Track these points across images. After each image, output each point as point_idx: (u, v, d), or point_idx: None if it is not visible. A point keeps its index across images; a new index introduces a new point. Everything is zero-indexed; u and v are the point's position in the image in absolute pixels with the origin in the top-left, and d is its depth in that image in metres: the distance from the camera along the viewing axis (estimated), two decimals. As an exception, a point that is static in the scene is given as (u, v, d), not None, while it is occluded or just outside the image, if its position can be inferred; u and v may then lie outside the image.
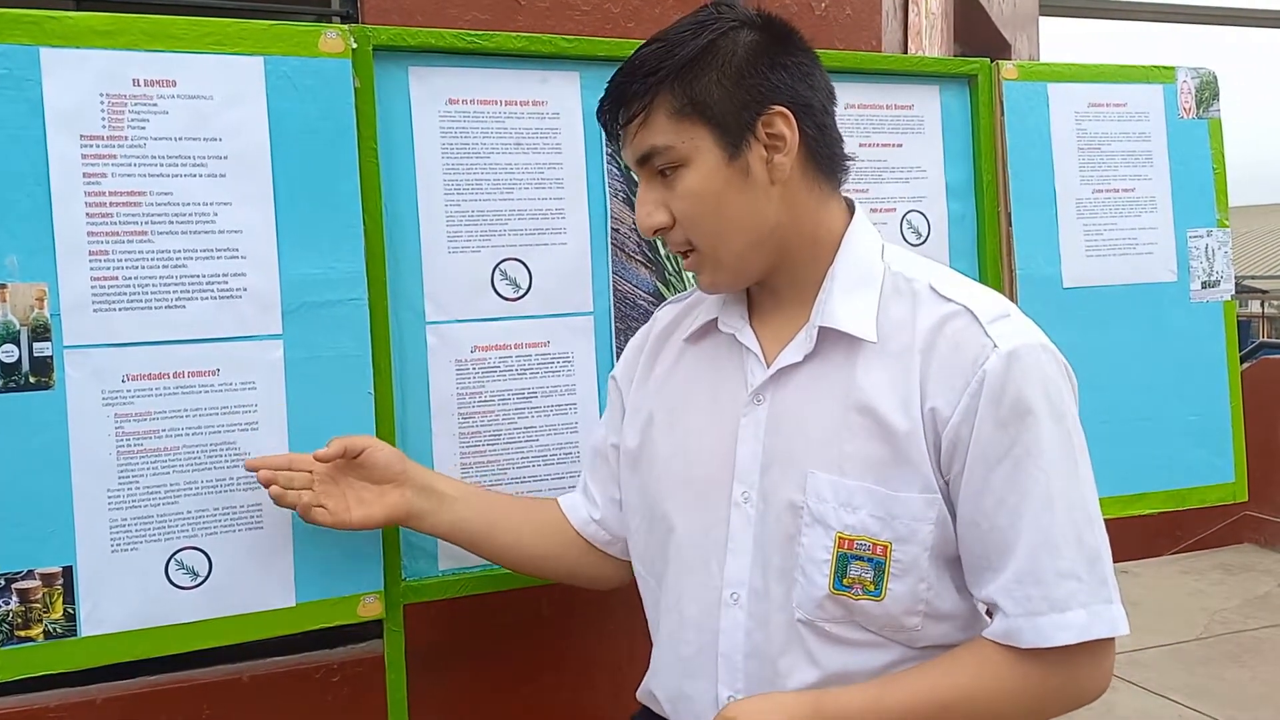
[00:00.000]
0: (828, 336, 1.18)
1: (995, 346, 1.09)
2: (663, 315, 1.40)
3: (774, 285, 1.24)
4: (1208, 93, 2.01)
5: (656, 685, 1.28)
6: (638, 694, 1.38)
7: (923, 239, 1.87)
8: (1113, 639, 1.09)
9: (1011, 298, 1.90)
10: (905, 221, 1.86)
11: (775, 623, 1.17)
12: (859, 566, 1.11)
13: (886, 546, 1.11)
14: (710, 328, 1.30)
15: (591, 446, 1.48)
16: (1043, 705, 1.10)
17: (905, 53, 2.37)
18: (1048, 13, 5.13)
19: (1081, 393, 1.91)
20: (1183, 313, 1.98)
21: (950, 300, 1.15)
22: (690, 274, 1.41)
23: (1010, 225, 1.89)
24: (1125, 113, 1.96)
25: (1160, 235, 1.97)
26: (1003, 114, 1.89)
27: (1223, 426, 2.00)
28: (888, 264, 1.21)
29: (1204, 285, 2.00)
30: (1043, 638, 1.06)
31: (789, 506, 1.16)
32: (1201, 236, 1.99)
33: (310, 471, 1.36)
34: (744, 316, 1.27)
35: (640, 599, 1.38)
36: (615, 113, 1.17)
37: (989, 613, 1.15)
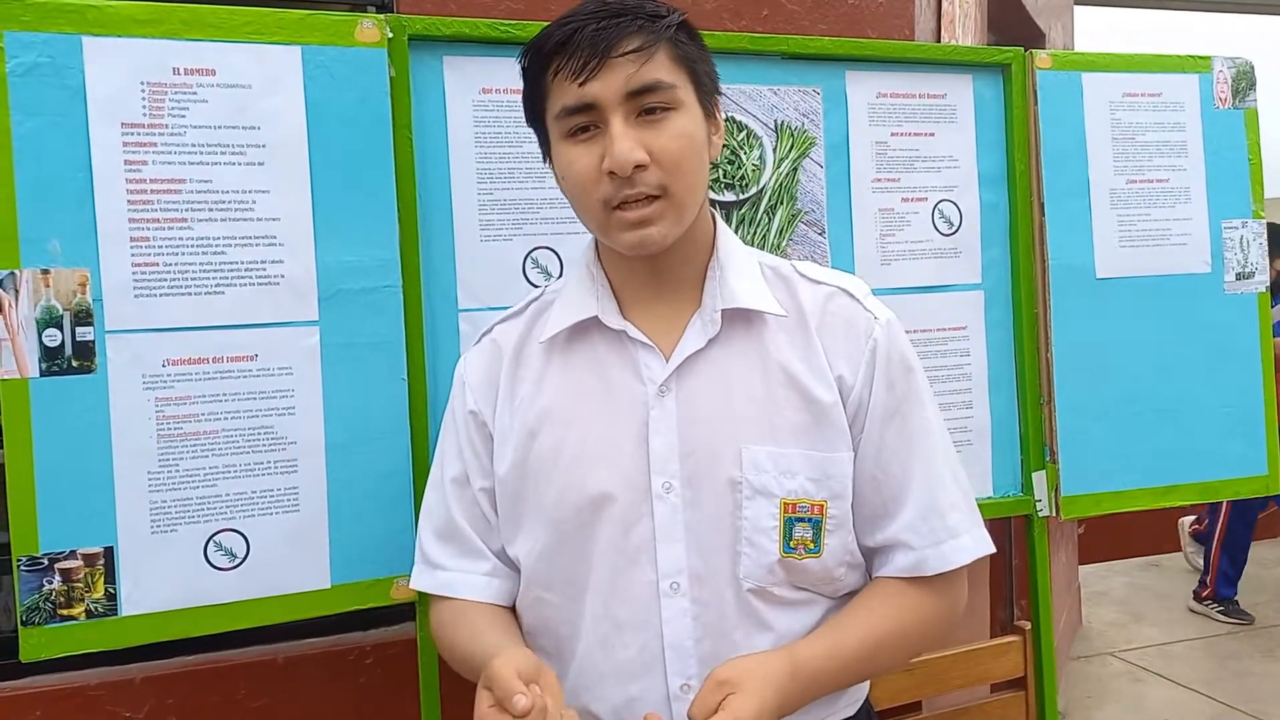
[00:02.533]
0: (728, 318, 1.22)
1: (875, 318, 1.23)
2: (503, 334, 1.31)
3: (662, 269, 1.22)
4: (1244, 83, 1.99)
5: (592, 700, 1.23)
6: None
7: (954, 228, 1.87)
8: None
9: (1043, 288, 1.89)
10: (937, 211, 1.86)
11: (724, 599, 1.18)
12: (801, 528, 1.19)
13: (823, 505, 1.19)
14: (581, 329, 1.25)
15: (454, 526, 1.30)
16: (943, 625, 1.25)
17: (938, 41, 2.36)
18: (1083, 1, 5.07)
19: (1113, 383, 1.93)
20: (1216, 304, 1.97)
21: (822, 282, 1.26)
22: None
23: (1043, 215, 1.88)
24: (1160, 102, 1.95)
25: (1194, 226, 1.96)
26: (1036, 103, 1.88)
27: (1256, 418, 1.98)
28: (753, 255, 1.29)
29: (1238, 277, 1.98)
30: (945, 562, 1.20)
31: (726, 484, 1.18)
32: (1236, 228, 1.98)
33: None
34: (619, 312, 1.24)
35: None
36: (610, 43, 1.12)
37: (872, 553, 1.26)
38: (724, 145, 1.51)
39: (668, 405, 1.20)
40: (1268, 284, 2.02)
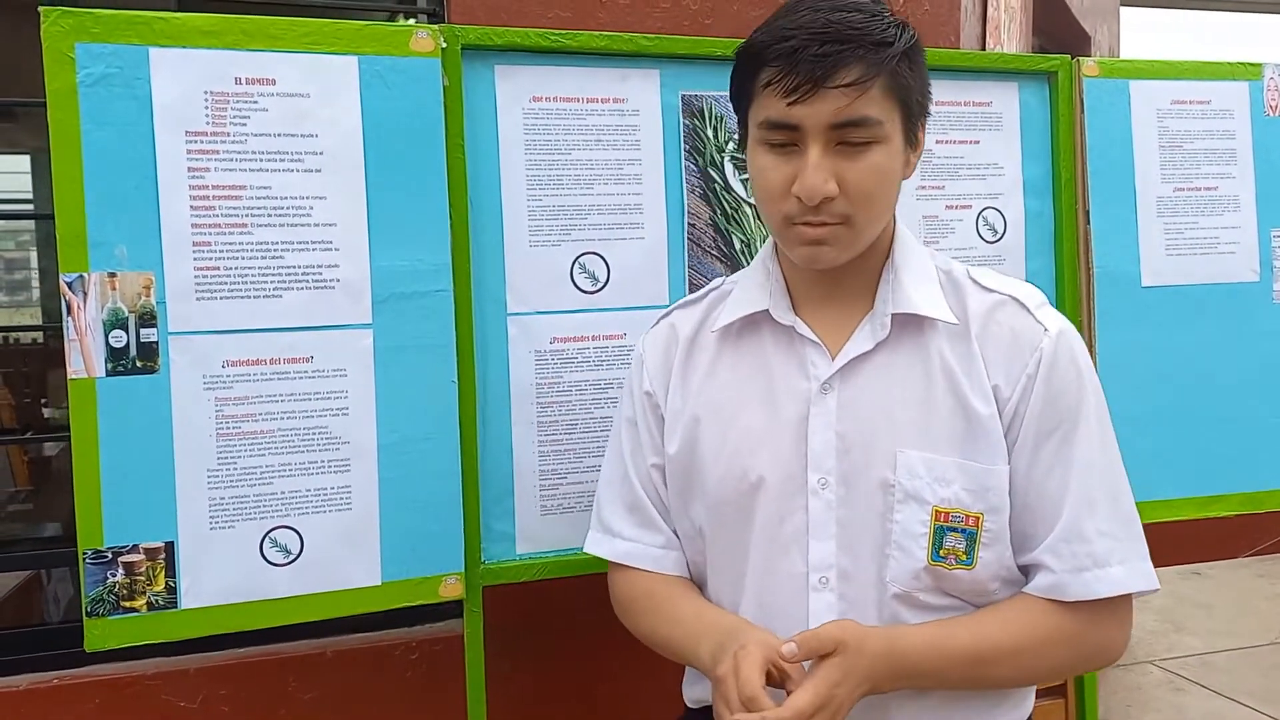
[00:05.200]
0: (898, 322, 1.23)
1: (1046, 330, 1.20)
2: (681, 320, 1.37)
3: (836, 273, 1.25)
4: (1295, 90, 1.98)
5: None
6: (693, 694, 1.37)
7: (999, 236, 1.87)
8: (1131, 598, 1.19)
9: (1088, 295, 1.89)
10: (981, 219, 1.86)
11: (868, 599, 1.20)
12: (954, 538, 1.18)
13: (979, 518, 1.18)
14: (752, 321, 1.30)
15: (635, 495, 1.36)
16: (1078, 655, 1.20)
17: (983, 48, 2.36)
18: (1130, 2, 5.01)
19: (1158, 391, 1.92)
20: (1265, 313, 1.95)
21: (993, 290, 1.25)
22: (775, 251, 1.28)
23: (1089, 223, 1.88)
24: (1209, 110, 1.94)
25: (1243, 235, 1.95)
26: (1083, 111, 1.88)
27: (1304, 429, 1.97)
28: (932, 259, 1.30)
29: (1287, 286, 1.97)
30: (1087, 590, 1.16)
31: (879, 486, 1.20)
32: (1286, 236, 1.97)
33: None
34: (791, 308, 1.28)
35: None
36: (828, 72, 1.10)
37: (1024, 571, 1.23)
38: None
39: (829, 403, 1.23)
40: (1317, 293, 2.00)
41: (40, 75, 1.34)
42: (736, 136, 1.31)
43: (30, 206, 5.31)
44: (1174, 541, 5.52)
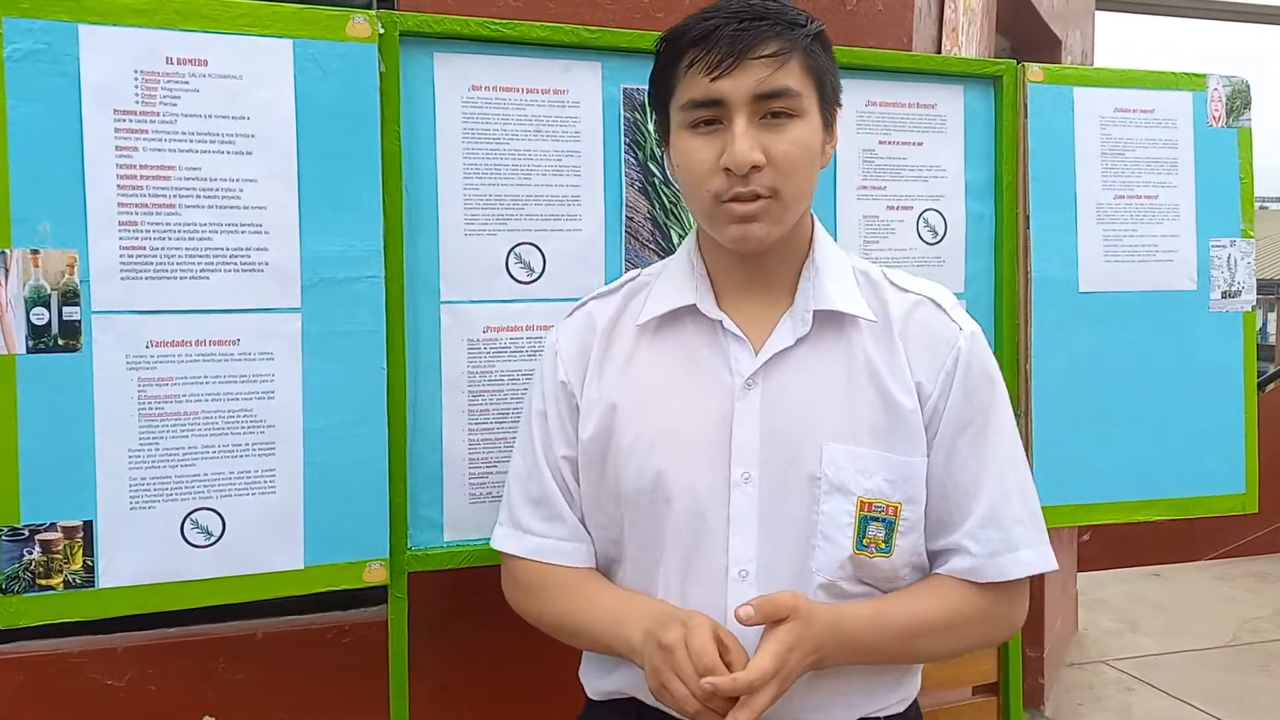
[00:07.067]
0: (819, 319, 1.27)
1: (961, 330, 1.28)
2: (597, 311, 1.37)
3: (760, 266, 1.28)
4: (1239, 101, 2.00)
5: None
6: (601, 686, 1.37)
7: (939, 237, 1.88)
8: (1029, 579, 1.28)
9: (1025, 299, 1.91)
10: (922, 220, 1.87)
11: (792, 590, 1.21)
12: (875, 527, 1.24)
13: (897, 507, 1.24)
14: (674, 315, 1.31)
15: (545, 489, 1.35)
16: (991, 630, 1.30)
17: (940, 50, 2.37)
18: (1105, 7, 5.02)
19: (1092, 396, 1.94)
20: (1201, 321, 1.98)
21: (909, 291, 1.31)
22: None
23: (1028, 227, 1.90)
24: (1152, 119, 1.95)
25: (1182, 243, 1.97)
26: (1026, 116, 1.89)
27: (1236, 436, 1.99)
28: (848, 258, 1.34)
29: (1224, 295, 1.99)
30: (1001, 573, 1.25)
31: (805, 479, 1.23)
32: (1224, 246, 1.98)
33: None
34: (716, 303, 1.30)
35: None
36: (748, 45, 1.16)
37: (935, 555, 1.31)
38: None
39: (752, 398, 1.25)
40: (1254, 303, 2.02)
41: (-35, 49, 1.32)
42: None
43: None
44: (1137, 543, 5.55)
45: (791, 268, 1.29)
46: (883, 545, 1.24)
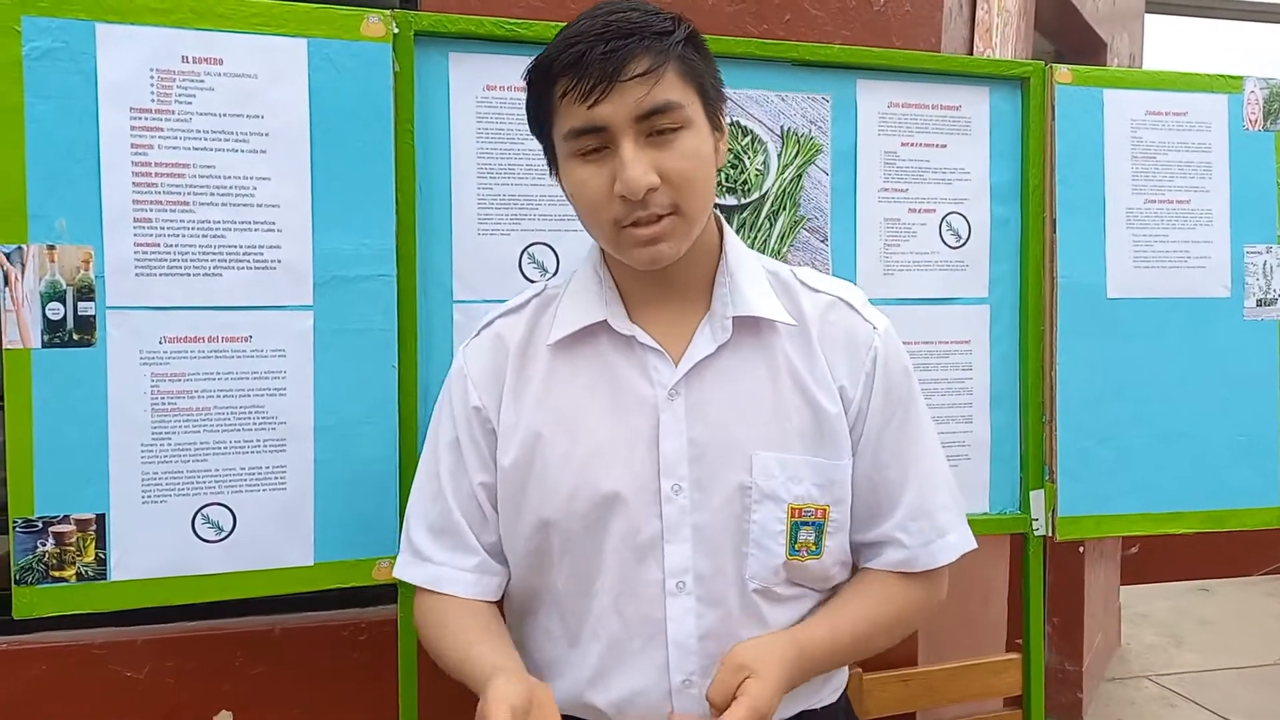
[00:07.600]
0: (738, 325, 1.24)
1: (875, 329, 1.28)
2: (506, 329, 1.30)
3: (670, 276, 1.23)
4: (1277, 104, 1.94)
5: (596, 694, 1.24)
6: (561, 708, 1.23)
7: (963, 241, 1.85)
8: None
9: (1051, 305, 1.87)
10: (945, 223, 1.84)
11: (728, 598, 1.22)
12: (806, 531, 1.24)
13: (825, 510, 1.25)
14: (589, 330, 1.25)
15: (449, 519, 1.29)
16: (926, 613, 1.34)
17: (971, 51, 2.33)
18: (1156, 10, 4.92)
19: (1119, 404, 1.90)
20: (1234, 330, 1.93)
21: (821, 291, 1.30)
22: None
23: (1055, 231, 1.86)
24: (1185, 122, 1.91)
25: (1215, 250, 1.92)
26: (1054, 118, 1.85)
27: (1270, 448, 1.94)
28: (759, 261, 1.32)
29: (1259, 303, 1.94)
30: (933, 560, 1.29)
31: (736, 488, 1.21)
32: (1260, 253, 1.93)
33: None
34: (626, 316, 1.25)
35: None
36: (618, 66, 1.11)
37: (863, 548, 1.32)
38: (728, 150, 1.51)
39: (677, 409, 1.22)
40: (1292, 311, 1.97)
41: (-15, 48, 1.35)
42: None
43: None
44: (1184, 558, 5.42)
45: (703, 273, 1.26)
46: (813, 548, 1.25)
